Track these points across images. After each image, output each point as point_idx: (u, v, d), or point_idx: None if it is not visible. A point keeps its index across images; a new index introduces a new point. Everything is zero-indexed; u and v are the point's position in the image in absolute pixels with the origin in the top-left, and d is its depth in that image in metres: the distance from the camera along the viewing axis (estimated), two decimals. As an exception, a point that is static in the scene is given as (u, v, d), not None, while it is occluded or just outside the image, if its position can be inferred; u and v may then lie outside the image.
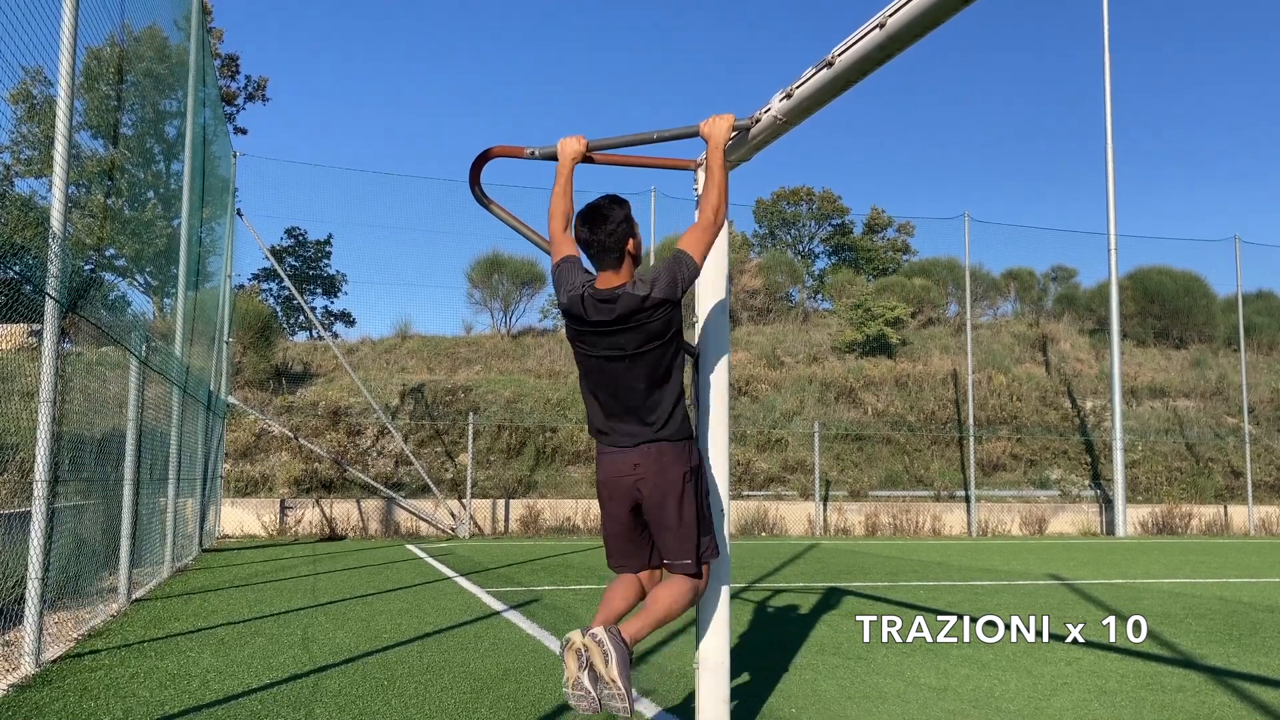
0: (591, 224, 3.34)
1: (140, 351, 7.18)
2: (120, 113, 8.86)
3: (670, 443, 3.31)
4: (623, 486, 3.33)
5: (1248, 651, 6.00)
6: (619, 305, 3.25)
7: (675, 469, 3.30)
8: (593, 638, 3.06)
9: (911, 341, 26.95)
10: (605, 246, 3.33)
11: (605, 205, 3.38)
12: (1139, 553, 15.16)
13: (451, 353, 24.26)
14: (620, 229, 3.33)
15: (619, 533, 3.44)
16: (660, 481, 3.29)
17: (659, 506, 3.30)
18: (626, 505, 3.36)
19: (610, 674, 3.01)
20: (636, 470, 3.30)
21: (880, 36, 2.85)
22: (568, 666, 3.09)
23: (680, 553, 3.33)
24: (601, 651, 3.03)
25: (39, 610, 5.04)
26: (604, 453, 3.41)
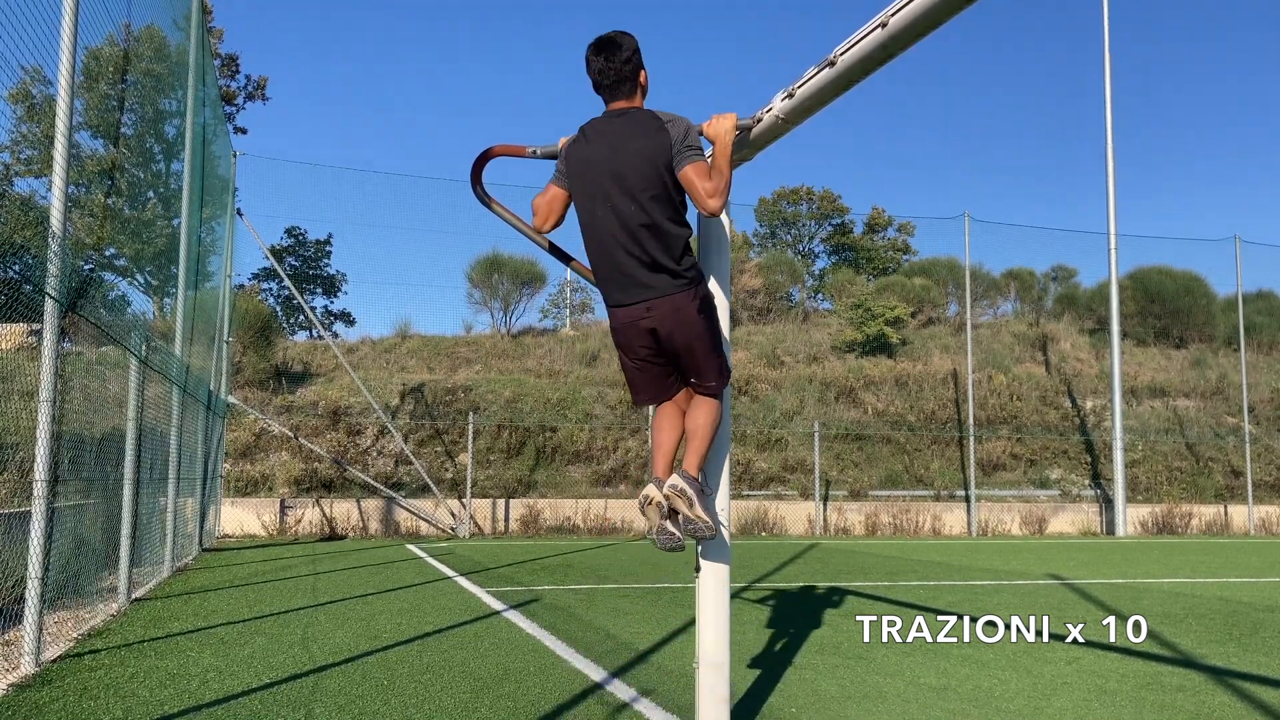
0: (608, 51, 3.42)
1: (140, 351, 7.17)
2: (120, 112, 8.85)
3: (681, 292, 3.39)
4: (639, 329, 3.44)
5: (1248, 651, 5.99)
6: (629, 115, 3.39)
7: (689, 306, 3.39)
8: (672, 488, 3.34)
9: (911, 341, 26.95)
10: (621, 75, 3.41)
11: (617, 35, 3.45)
12: (1139, 552, 15.16)
13: (451, 352, 24.26)
14: (634, 57, 3.42)
15: (641, 369, 3.56)
16: (677, 319, 3.39)
17: (680, 338, 3.42)
18: (645, 342, 3.47)
19: (695, 513, 3.32)
20: (650, 313, 3.40)
21: (882, 36, 2.84)
22: (649, 519, 3.44)
23: (704, 375, 3.51)
24: (685, 498, 3.32)
25: (39, 610, 5.03)
26: (615, 308, 3.49)
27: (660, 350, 3.49)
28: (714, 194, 3.32)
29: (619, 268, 3.40)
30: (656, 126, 3.34)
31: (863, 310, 26.47)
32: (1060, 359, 26.76)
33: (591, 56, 3.43)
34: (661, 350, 3.49)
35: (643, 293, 3.38)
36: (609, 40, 3.42)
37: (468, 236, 33.49)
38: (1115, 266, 22.08)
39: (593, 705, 4.37)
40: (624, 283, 3.41)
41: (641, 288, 3.38)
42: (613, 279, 3.44)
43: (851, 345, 26.21)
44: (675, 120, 3.36)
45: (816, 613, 7.50)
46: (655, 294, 3.36)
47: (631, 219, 3.34)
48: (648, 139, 3.32)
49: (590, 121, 3.48)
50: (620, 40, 3.41)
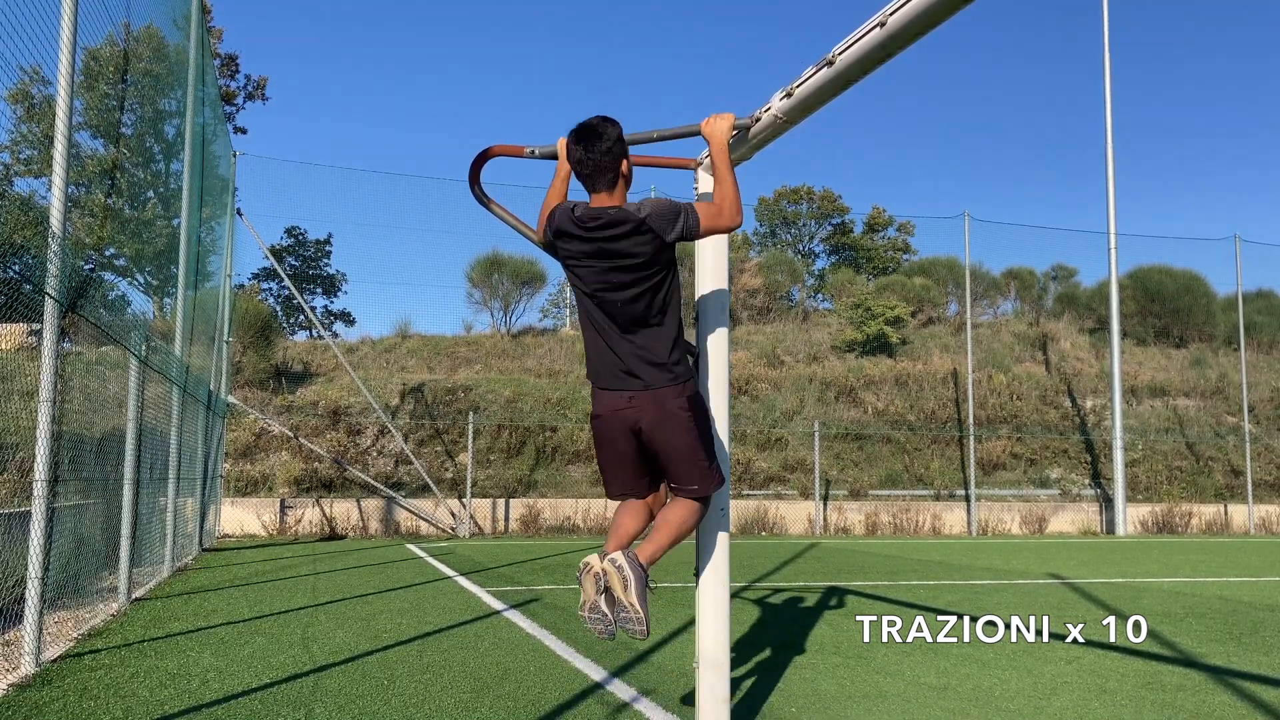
0: (586, 141, 3.32)
1: (140, 351, 7.17)
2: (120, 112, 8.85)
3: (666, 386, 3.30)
4: (620, 420, 3.33)
5: (1248, 651, 5.99)
6: (607, 218, 3.25)
7: (673, 401, 3.30)
8: (611, 563, 3.12)
9: (911, 341, 26.95)
10: (600, 166, 3.31)
11: (598, 124, 3.35)
12: (1139, 552, 15.16)
13: (451, 352, 24.26)
14: (615, 147, 3.33)
15: (619, 464, 3.43)
16: (659, 414, 3.29)
17: (661, 436, 3.31)
18: (626, 437, 3.35)
19: (629, 598, 3.07)
20: (632, 403, 3.30)
21: (881, 35, 2.85)
22: (585, 591, 3.15)
23: (687, 478, 3.35)
24: (620, 576, 3.09)
25: (39, 610, 5.03)
26: (601, 391, 3.40)
27: (641, 451, 3.37)
28: (729, 217, 3.30)
29: (608, 357, 3.35)
30: (635, 225, 3.23)
31: (863, 310, 26.47)
32: (1060, 358, 26.76)
33: (571, 145, 3.35)
34: (642, 450, 3.37)
35: (628, 381, 3.30)
36: (590, 129, 3.33)
37: (468, 236, 33.55)
38: (1115, 266, 22.09)
39: (593, 705, 4.37)
40: (612, 369, 3.35)
41: (628, 376, 3.30)
42: (601, 366, 3.38)
43: (851, 345, 26.21)
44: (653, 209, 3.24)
45: (816, 612, 7.50)
46: (640, 385, 3.29)
47: (620, 315, 3.30)
48: (630, 241, 3.24)
49: (579, 210, 3.35)
50: (601, 129, 3.32)
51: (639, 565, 3.15)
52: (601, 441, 3.43)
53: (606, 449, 3.43)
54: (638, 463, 3.42)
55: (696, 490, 3.38)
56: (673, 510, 3.40)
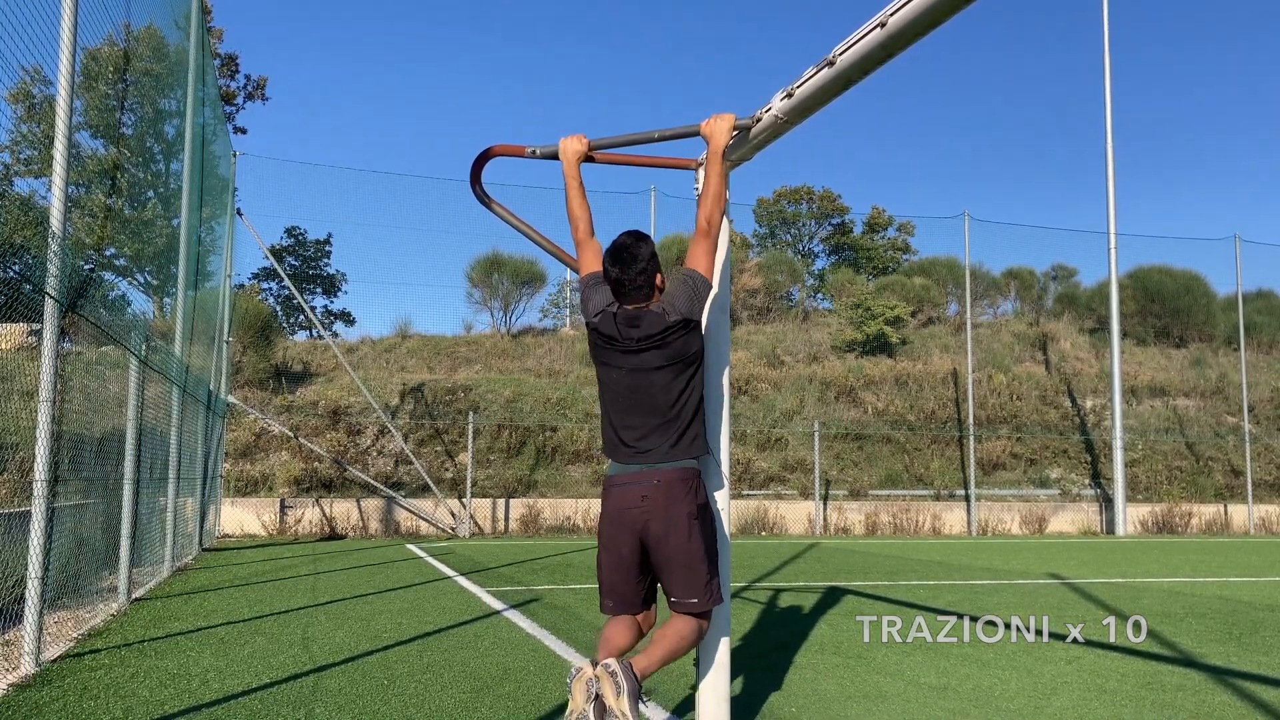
0: (622, 265, 3.38)
1: (140, 351, 7.18)
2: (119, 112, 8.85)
3: (680, 470, 3.32)
4: (629, 519, 3.31)
5: (1248, 651, 5.99)
6: (644, 324, 3.34)
7: (683, 505, 3.29)
8: (605, 668, 3.01)
9: (911, 341, 26.95)
10: (636, 284, 3.39)
11: (632, 244, 3.41)
12: (1139, 552, 15.16)
13: (451, 352, 24.26)
14: (650, 266, 3.40)
15: (619, 569, 3.38)
16: (668, 516, 3.27)
17: (666, 542, 3.27)
18: (632, 541, 3.32)
19: (620, 706, 2.95)
20: (644, 503, 3.28)
21: (881, 36, 2.85)
22: (574, 698, 3.03)
23: (687, 591, 3.31)
24: (614, 683, 2.98)
25: (39, 610, 5.03)
26: (612, 484, 3.39)
27: (643, 558, 3.35)
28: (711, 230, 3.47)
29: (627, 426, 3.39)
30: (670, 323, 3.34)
31: (863, 310, 26.48)
32: (1060, 358, 26.77)
33: (608, 265, 3.42)
34: (644, 558, 3.35)
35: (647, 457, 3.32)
36: (624, 250, 3.39)
37: (468, 236, 33.53)
38: (1115, 266, 22.10)
39: (593, 705, 4.37)
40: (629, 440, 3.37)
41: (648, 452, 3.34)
42: (615, 440, 3.41)
43: (851, 345, 26.22)
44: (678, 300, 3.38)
45: (816, 612, 7.50)
46: (656, 459, 3.31)
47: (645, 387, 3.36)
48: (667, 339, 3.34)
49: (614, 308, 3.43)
50: (636, 250, 3.38)
51: (633, 675, 3.04)
52: (606, 544, 3.40)
53: (609, 552, 3.39)
54: (638, 570, 3.38)
55: (695, 605, 3.32)
56: (671, 625, 3.33)
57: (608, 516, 3.38)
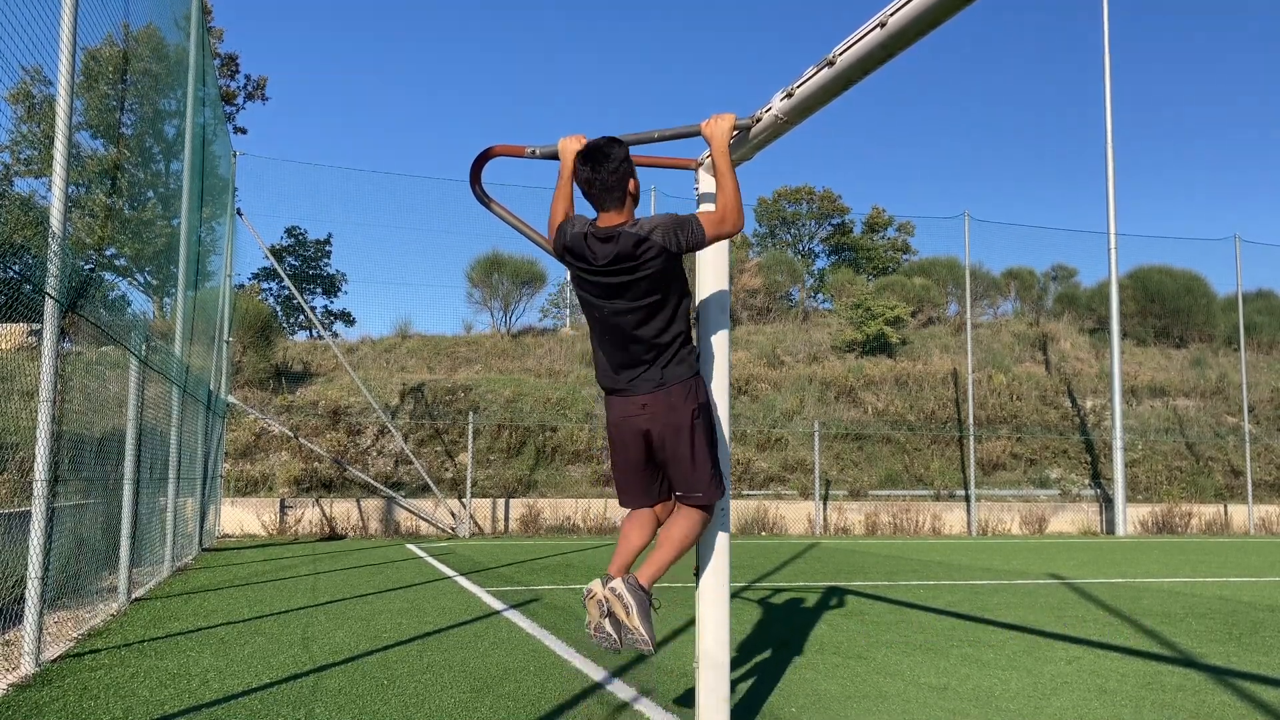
0: (594, 163, 3.41)
1: (140, 351, 7.17)
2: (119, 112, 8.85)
3: (679, 384, 3.41)
4: (632, 427, 3.44)
5: (1248, 651, 5.99)
6: (619, 243, 3.33)
7: (683, 407, 3.40)
8: (612, 591, 3.29)
9: (911, 341, 26.95)
10: (607, 185, 3.40)
11: (605, 145, 3.44)
12: (1139, 552, 15.16)
13: (451, 352, 24.26)
14: (622, 167, 3.41)
15: (630, 471, 3.55)
16: (670, 420, 3.40)
17: (670, 443, 3.42)
18: (638, 444, 3.47)
19: (632, 622, 3.25)
20: (645, 410, 3.41)
21: (881, 35, 2.85)
22: (590, 614, 3.35)
23: (691, 485, 3.47)
24: (622, 604, 3.27)
25: (39, 610, 5.03)
26: (611, 394, 3.50)
27: (651, 456, 3.48)
28: (731, 222, 3.39)
29: (619, 363, 3.45)
30: (642, 242, 3.31)
31: (863, 310, 26.48)
32: (1060, 359, 26.77)
33: (579, 165, 3.43)
34: (653, 455, 3.48)
35: (641, 385, 3.41)
36: (596, 150, 3.41)
37: (468, 236, 33.53)
38: (1115, 266, 22.09)
39: (593, 705, 4.37)
40: (623, 374, 3.45)
41: (641, 380, 3.42)
42: (612, 370, 3.49)
43: (851, 345, 26.22)
44: (658, 225, 3.33)
45: (816, 612, 7.50)
46: (651, 386, 3.39)
47: (630, 326, 3.39)
48: (640, 259, 3.32)
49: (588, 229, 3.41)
50: (608, 150, 3.40)
51: (639, 589, 3.32)
52: (615, 447, 3.56)
53: (619, 455, 3.55)
54: (648, 469, 3.54)
55: (701, 498, 3.47)
56: (675, 526, 3.51)
57: (612, 424, 3.52)
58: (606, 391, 3.54)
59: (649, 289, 3.35)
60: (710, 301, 3.77)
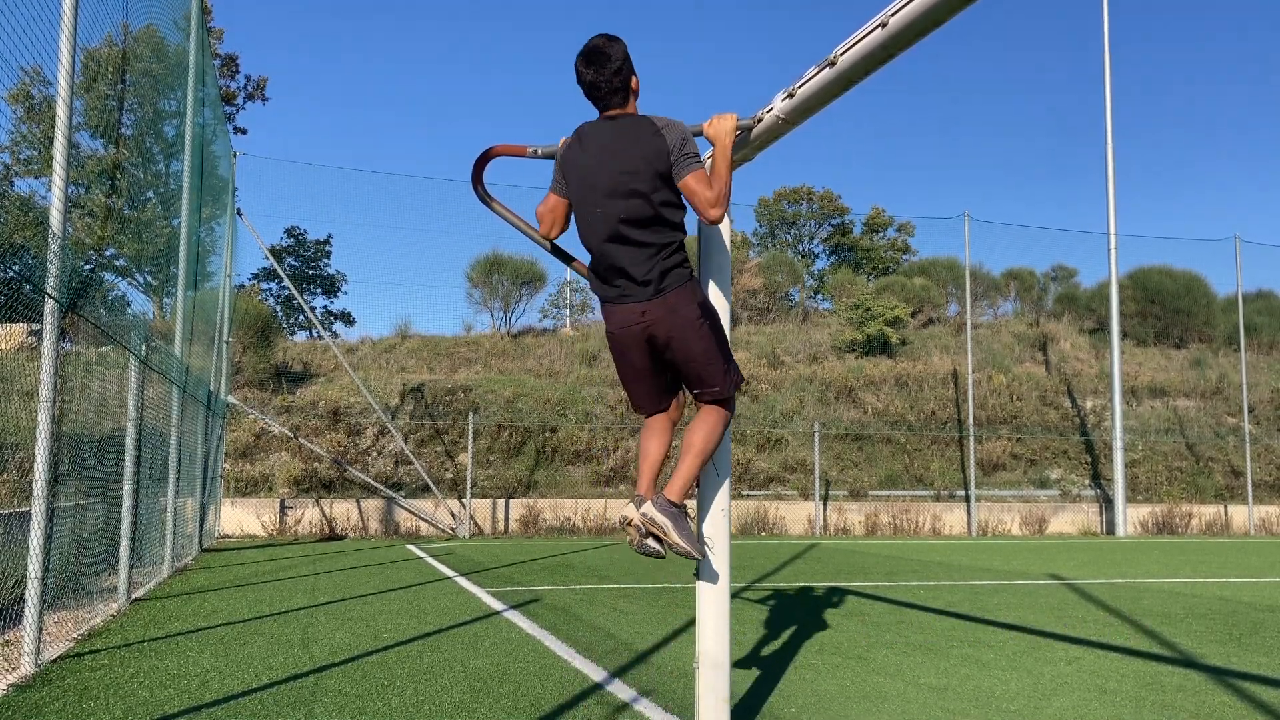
0: (596, 64, 3.36)
1: (140, 351, 7.17)
2: (119, 112, 8.85)
3: (675, 289, 3.34)
4: (633, 334, 3.37)
5: (1248, 651, 5.99)
6: (623, 121, 3.34)
7: (684, 309, 3.33)
8: (644, 515, 3.31)
9: (911, 341, 26.95)
10: (612, 86, 3.37)
11: (604, 44, 3.38)
12: (1139, 552, 15.16)
13: (451, 352, 24.26)
14: (624, 65, 3.38)
15: (639, 377, 3.49)
16: (673, 322, 3.32)
17: (677, 343, 3.35)
18: (642, 350, 3.40)
19: (672, 539, 3.28)
20: (645, 317, 3.33)
21: (882, 36, 2.84)
22: (630, 535, 3.38)
23: (707, 381, 3.43)
24: (658, 525, 3.29)
25: (39, 610, 5.03)
26: (607, 302, 3.43)
27: (658, 359, 3.43)
28: (715, 203, 3.30)
29: (613, 268, 3.37)
30: (652, 132, 3.30)
31: (863, 310, 26.48)
32: (1060, 359, 26.77)
33: (581, 68, 3.39)
34: (660, 359, 3.42)
35: (638, 292, 3.33)
36: (597, 50, 3.37)
37: (468, 236, 33.58)
38: (1115, 266, 22.10)
39: (593, 705, 4.37)
40: (618, 282, 3.38)
41: (637, 286, 3.33)
42: (607, 279, 3.41)
43: (851, 345, 26.22)
44: (671, 125, 3.32)
45: (816, 613, 7.50)
46: (649, 293, 3.32)
47: (626, 222, 3.32)
48: (643, 144, 3.30)
49: (586, 125, 3.45)
50: (608, 50, 3.36)
51: (671, 507, 3.31)
52: (619, 356, 3.48)
53: (624, 363, 3.49)
54: (655, 373, 3.48)
55: (718, 391, 3.44)
56: (695, 431, 3.45)
57: (612, 334, 3.45)
58: (603, 300, 3.45)
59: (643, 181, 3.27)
60: (710, 301, 3.76)
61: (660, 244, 3.32)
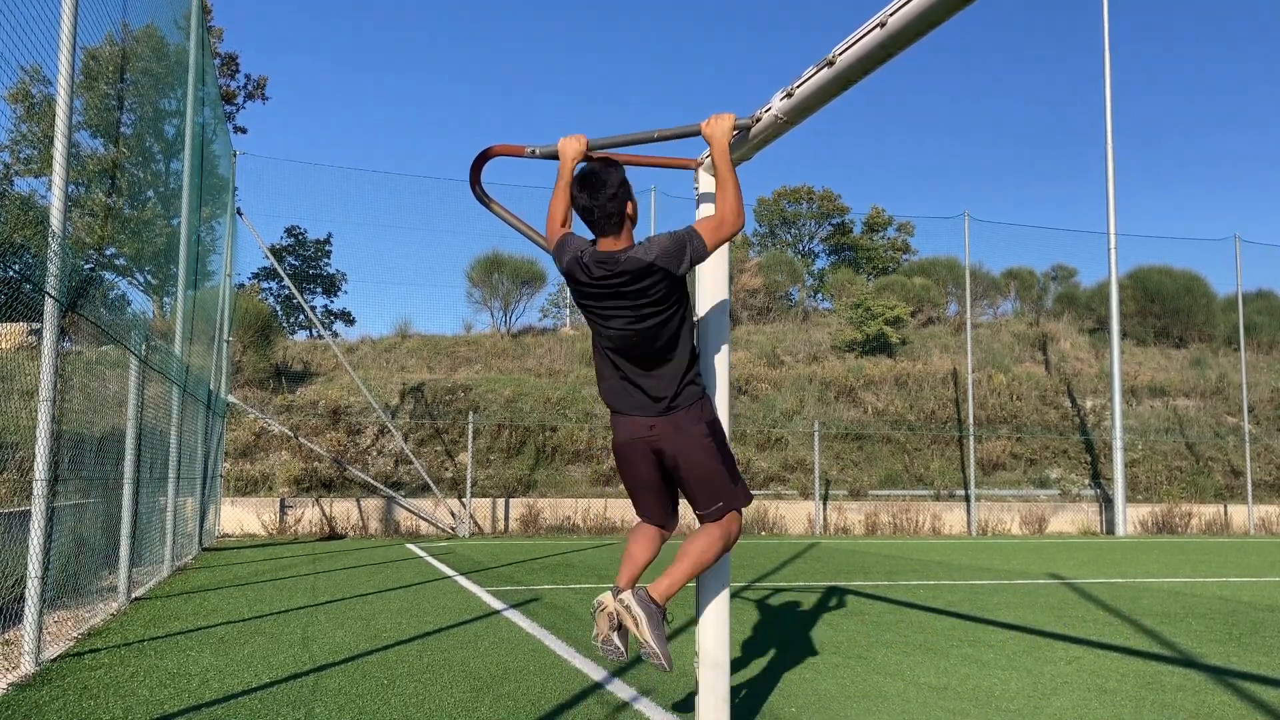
0: (591, 189, 3.36)
1: (140, 350, 7.17)
2: (119, 112, 8.85)
3: (686, 408, 3.35)
4: (641, 446, 3.37)
5: (1247, 651, 5.99)
6: (620, 266, 3.28)
7: (693, 428, 3.34)
8: (621, 603, 3.20)
9: (911, 341, 26.95)
10: (606, 211, 3.36)
11: (601, 169, 3.40)
12: (1139, 552, 15.16)
13: (451, 352, 24.26)
14: (620, 192, 3.37)
15: (647, 488, 3.48)
16: (679, 439, 3.33)
17: (683, 461, 3.35)
18: (649, 462, 3.40)
19: (643, 635, 3.16)
20: (653, 431, 3.34)
21: (881, 35, 2.85)
22: (598, 625, 3.24)
23: (709, 502, 3.39)
24: (631, 616, 3.18)
25: (39, 609, 5.03)
26: (618, 414, 3.43)
27: (663, 473, 3.41)
28: (724, 223, 3.31)
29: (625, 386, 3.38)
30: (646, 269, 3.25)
31: (862, 310, 26.48)
32: (1060, 359, 26.77)
33: (576, 192, 3.39)
34: (665, 474, 3.41)
35: (648, 407, 3.34)
36: (593, 176, 3.37)
37: (468, 236, 33.57)
38: (1115, 266, 22.10)
39: (593, 705, 4.37)
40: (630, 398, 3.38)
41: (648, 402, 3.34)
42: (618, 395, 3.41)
43: (851, 345, 26.21)
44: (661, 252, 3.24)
45: (816, 612, 7.50)
46: (659, 410, 3.32)
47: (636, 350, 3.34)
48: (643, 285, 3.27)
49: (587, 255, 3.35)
50: (605, 176, 3.36)
51: (650, 603, 3.23)
52: (624, 466, 3.47)
53: (630, 473, 3.48)
54: (661, 485, 3.48)
55: (721, 507, 3.39)
56: (695, 540, 3.40)
57: (619, 443, 3.44)
58: (613, 411, 3.46)
59: (652, 312, 3.28)
60: (710, 303, 3.77)
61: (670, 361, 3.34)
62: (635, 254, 3.26)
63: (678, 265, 3.26)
